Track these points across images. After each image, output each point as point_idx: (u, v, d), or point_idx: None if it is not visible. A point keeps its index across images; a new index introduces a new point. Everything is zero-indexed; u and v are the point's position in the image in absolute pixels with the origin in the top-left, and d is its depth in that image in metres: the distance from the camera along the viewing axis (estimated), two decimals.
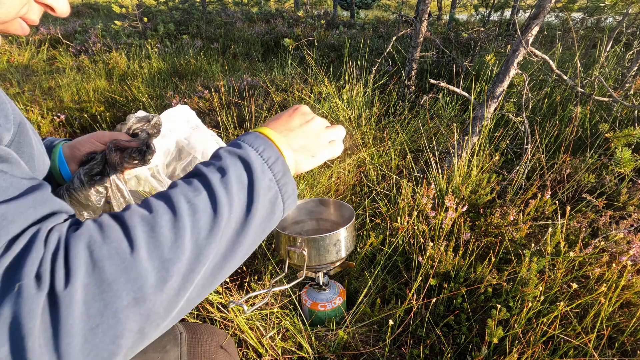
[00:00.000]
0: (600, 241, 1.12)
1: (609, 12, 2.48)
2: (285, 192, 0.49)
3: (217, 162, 0.46)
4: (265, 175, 0.47)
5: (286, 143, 0.54)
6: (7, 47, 4.84)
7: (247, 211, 0.44)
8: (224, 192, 0.43)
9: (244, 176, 0.46)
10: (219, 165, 0.46)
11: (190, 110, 1.41)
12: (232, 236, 0.43)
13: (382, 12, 9.54)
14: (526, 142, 1.60)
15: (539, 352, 0.88)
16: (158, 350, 0.65)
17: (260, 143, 0.49)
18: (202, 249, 0.40)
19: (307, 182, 1.57)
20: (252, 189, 0.45)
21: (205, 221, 0.40)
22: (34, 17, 0.50)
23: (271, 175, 0.48)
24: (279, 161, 0.49)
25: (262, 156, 0.48)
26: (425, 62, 3.09)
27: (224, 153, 0.48)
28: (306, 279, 1.18)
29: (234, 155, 0.47)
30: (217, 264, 0.42)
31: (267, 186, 0.47)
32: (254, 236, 0.46)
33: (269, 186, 0.47)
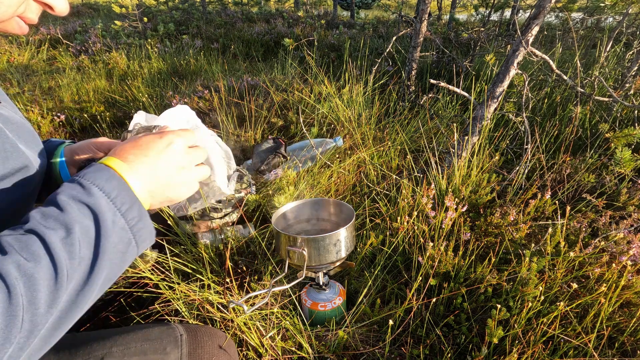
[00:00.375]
0: (600, 241, 1.12)
1: (609, 12, 2.48)
2: (140, 237, 0.46)
3: (60, 214, 0.40)
4: (116, 226, 0.43)
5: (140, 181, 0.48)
6: (7, 47, 4.84)
7: (91, 269, 0.41)
8: (66, 258, 0.39)
9: (92, 231, 0.41)
10: (63, 219, 0.40)
11: (190, 110, 1.41)
12: (70, 300, 0.40)
13: (382, 12, 9.54)
14: (526, 142, 1.60)
15: (539, 352, 0.88)
16: (158, 352, 0.65)
17: (113, 187, 0.44)
18: (37, 324, 0.36)
19: (307, 182, 1.57)
20: (99, 244, 0.41)
21: (43, 296, 0.36)
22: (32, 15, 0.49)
23: (124, 224, 0.44)
24: (134, 206, 0.45)
25: (114, 203, 0.43)
26: (425, 62, 3.09)
27: (69, 201, 0.41)
28: (306, 279, 1.18)
29: (81, 205, 0.41)
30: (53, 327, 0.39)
31: (117, 238, 0.43)
32: (99, 286, 0.43)
33: (120, 237, 0.43)
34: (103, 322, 1.05)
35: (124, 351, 0.63)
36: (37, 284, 0.36)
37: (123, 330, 0.67)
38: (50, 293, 0.37)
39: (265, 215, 1.48)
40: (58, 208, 0.41)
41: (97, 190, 0.43)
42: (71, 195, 0.42)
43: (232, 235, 1.30)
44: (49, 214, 0.41)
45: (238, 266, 1.22)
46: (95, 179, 0.44)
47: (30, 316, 0.35)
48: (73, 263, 0.39)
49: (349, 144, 1.92)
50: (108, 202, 0.43)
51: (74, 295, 0.40)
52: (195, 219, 1.34)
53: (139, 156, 0.49)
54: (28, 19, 0.49)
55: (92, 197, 0.42)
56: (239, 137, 2.16)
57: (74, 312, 0.41)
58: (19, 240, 0.38)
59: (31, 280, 0.36)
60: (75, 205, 0.41)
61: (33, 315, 0.36)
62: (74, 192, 0.43)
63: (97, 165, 0.46)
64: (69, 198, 0.42)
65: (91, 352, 0.62)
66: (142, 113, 1.00)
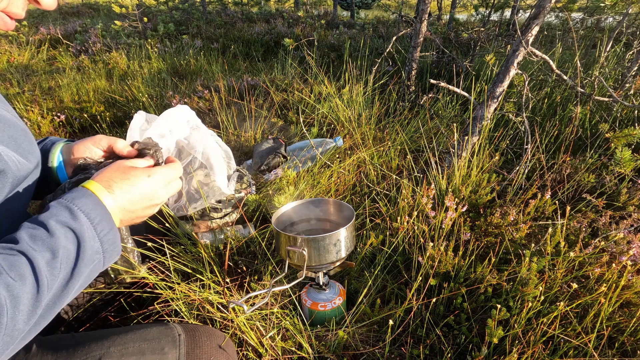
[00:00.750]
0: (600, 241, 1.12)
1: (609, 12, 2.48)
2: (108, 257, 0.52)
3: (49, 238, 0.45)
4: (92, 249, 0.49)
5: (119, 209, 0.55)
6: (7, 47, 4.84)
7: (65, 284, 0.46)
8: (48, 277, 0.43)
9: (73, 254, 0.46)
10: (50, 244, 0.44)
11: (190, 110, 1.41)
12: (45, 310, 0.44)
13: (382, 12, 9.54)
14: (526, 142, 1.60)
15: (539, 352, 0.88)
16: (156, 352, 0.64)
17: (97, 214, 0.50)
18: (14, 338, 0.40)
19: (307, 182, 1.57)
20: (77, 265, 0.47)
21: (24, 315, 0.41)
22: (17, 10, 0.49)
23: (98, 246, 0.50)
24: (111, 232, 0.52)
25: (96, 229, 0.49)
26: (425, 62, 3.09)
27: (58, 227, 0.46)
28: (306, 279, 1.18)
29: (67, 230, 0.47)
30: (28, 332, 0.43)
31: (90, 260, 0.49)
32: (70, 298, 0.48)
33: (92, 258, 0.49)
34: (103, 322, 1.05)
35: (121, 351, 0.63)
36: (21, 303, 0.40)
37: (121, 331, 0.67)
38: (30, 309, 0.42)
39: (265, 215, 1.48)
40: (47, 231, 0.45)
41: (83, 217, 0.48)
42: (60, 220, 0.47)
43: (232, 235, 1.30)
44: (38, 237, 0.45)
45: (238, 266, 1.22)
46: (83, 205, 0.49)
47: (10, 332, 0.39)
48: (53, 281, 0.44)
49: (349, 144, 1.92)
50: (90, 228, 0.49)
51: (50, 307, 0.45)
52: (195, 219, 1.34)
53: (124, 190, 0.55)
54: (13, 13, 0.49)
55: (78, 222, 0.47)
56: (239, 137, 2.16)
57: (46, 319, 0.45)
58: (8, 260, 0.42)
59: (17, 300, 0.40)
60: (62, 230, 0.46)
61: (12, 331, 0.40)
62: (63, 218, 0.47)
63: (84, 191, 0.51)
64: (57, 223, 0.46)
65: (89, 352, 0.62)
66: (142, 113, 1.00)
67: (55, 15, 8.18)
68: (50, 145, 0.73)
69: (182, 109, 1.36)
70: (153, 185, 0.59)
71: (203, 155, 1.32)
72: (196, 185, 1.34)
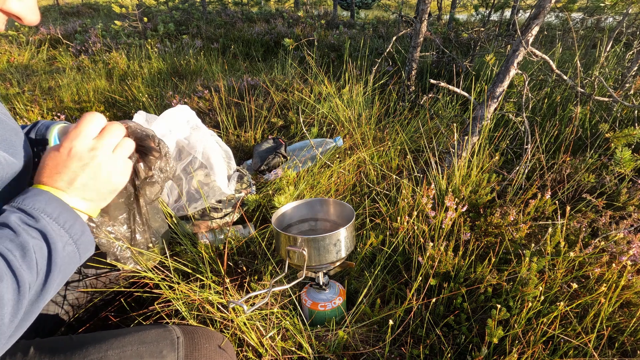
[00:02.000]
0: (600, 241, 1.12)
1: (609, 12, 2.48)
2: (82, 249, 0.52)
3: (15, 237, 0.45)
4: (62, 241, 0.49)
5: (80, 197, 0.53)
6: (7, 47, 4.84)
7: (45, 280, 0.46)
8: (27, 272, 0.44)
9: (44, 248, 0.47)
10: (19, 241, 0.45)
11: (190, 110, 1.41)
12: (29, 306, 0.45)
13: (382, 12, 9.54)
14: (526, 142, 1.60)
15: (539, 352, 0.88)
16: (155, 355, 0.64)
17: (54, 208, 0.49)
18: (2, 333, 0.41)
19: (307, 182, 1.58)
20: (51, 258, 0.47)
21: (8, 311, 0.41)
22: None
23: (68, 238, 0.50)
24: (76, 223, 0.51)
25: (57, 222, 0.49)
26: (425, 62, 3.09)
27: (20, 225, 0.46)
28: (306, 279, 1.18)
29: (30, 229, 0.47)
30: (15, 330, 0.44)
31: (65, 252, 0.49)
32: (52, 294, 0.48)
33: (67, 251, 0.49)
34: (103, 322, 1.05)
35: (119, 354, 0.62)
36: (3, 300, 0.41)
37: (119, 333, 0.67)
38: (14, 306, 0.42)
39: (265, 215, 1.48)
40: (12, 230, 0.46)
41: (40, 214, 0.48)
42: (21, 219, 0.47)
43: (232, 235, 1.30)
44: (4, 236, 0.45)
45: (238, 266, 1.22)
46: (36, 202, 0.49)
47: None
48: (32, 275, 0.44)
49: (349, 144, 1.92)
50: (52, 222, 0.48)
51: (33, 303, 0.45)
52: (195, 219, 1.34)
53: (63, 177, 0.53)
54: None
55: (38, 221, 0.48)
56: (239, 137, 2.16)
57: (31, 316, 0.46)
58: None
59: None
60: (26, 228, 0.46)
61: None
62: (23, 218, 0.47)
63: (35, 190, 0.51)
64: (19, 222, 0.46)
65: (87, 355, 0.62)
66: (142, 113, 1.00)
67: (55, 15, 8.18)
68: (45, 129, 0.72)
69: (182, 109, 1.37)
70: (70, 154, 0.53)
71: (203, 155, 1.32)
72: (196, 185, 1.34)
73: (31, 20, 0.51)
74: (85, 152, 0.53)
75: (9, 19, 0.51)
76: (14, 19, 0.51)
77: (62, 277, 0.49)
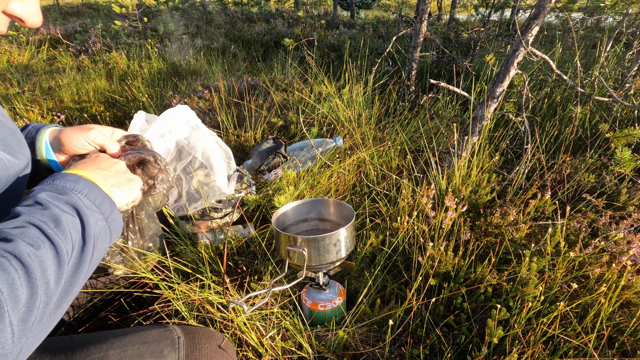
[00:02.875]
0: (600, 241, 1.12)
1: (609, 12, 2.48)
2: (113, 226, 0.54)
3: (45, 211, 0.47)
4: (93, 216, 0.51)
5: (103, 181, 0.58)
6: (7, 47, 4.84)
7: (81, 252, 0.48)
8: (62, 240, 0.46)
9: (77, 221, 0.48)
10: (50, 214, 0.47)
11: (190, 110, 1.41)
12: (70, 278, 0.46)
13: (382, 12, 9.54)
14: (526, 142, 1.60)
15: (539, 352, 0.88)
16: (155, 355, 0.64)
17: (83, 186, 0.52)
18: (51, 296, 0.43)
19: (307, 182, 1.57)
20: (85, 230, 0.49)
21: (52, 273, 0.43)
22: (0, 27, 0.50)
23: (99, 214, 0.52)
24: (105, 200, 0.54)
25: (88, 198, 0.51)
26: (425, 62, 3.09)
27: (50, 200, 0.48)
28: (306, 279, 1.18)
29: (61, 202, 0.49)
30: (60, 299, 0.45)
31: (97, 227, 0.51)
32: (89, 269, 0.50)
33: (99, 226, 0.51)
34: (103, 322, 1.05)
35: (120, 354, 0.62)
36: (45, 262, 0.42)
37: (120, 333, 0.67)
38: (56, 270, 0.43)
39: (265, 215, 1.48)
40: (41, 205, 0.47)
41: (70, 191, 0.50)
42: (50, 195, 0.49)
43: (232, 235, 1.30)
44: (36, 210, 0.46)
45: (238, 266, 1.22)
46: (65, 182, 0.51)
47: (44, 289, 0.42)
48: (67, 245, 0.46)
49: (349, 144, 1.92)
50: (83, 198, 0.50)
51: (73, 273, 0.46)
52: (195, 219, 1.34)
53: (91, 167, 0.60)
54: None
55: (68, 195, 0.49)
56: (239, 137, 2.16)
57: (73, 288, 0.47)
58: (18, 229, 0.43)
59: (40, 259, 0.42)
60: (56, 202, 0.48)
61: (47, 288, 0.42)
62: (53, 194, 0.49)
63: (63, 173, 0.54)
64: (49, 197, 0.48)
65: (88, 355, 0.62)
66: (142, 113, 1.00)
67: (55, 15, 8.18)
68: (35, 132, 0.70)
69: (182, 109, 1.37)
70: (115, 164, 0.63)
71: (203, 155, 1.32)
72: (196, 185, 1.34)
73: (34, 23, 0.51)
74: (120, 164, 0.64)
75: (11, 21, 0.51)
76: (17, 21, 0.51)
77: (97, 253, 0.51)
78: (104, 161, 0.62)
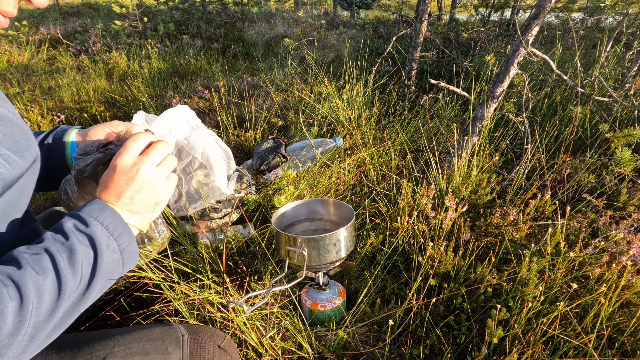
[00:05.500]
0: (600, 241, 1.12)
1: (609, 12, 2.48)
2: (127, 259, 0.54)
3: (66, 241, 0.48)
4: (109, 249, 0.51)
5: (128, 210, 0.57)
6: (7, 47, 4.84)
7: (87, 286, 0.49)
8: (70, 275, 0.46)
9: (91, 254, 0.49)
10: (68, 245, 0.48)
11: (190, 110, 1.41)
12: (70, 307, 0.47)
13: (382, 12, 9.54)
14: (526, 142, 1.60)
15: (539, 352, 0.88)
16: (160, 352, 0.64)
17: (106, 216, 0.53)
18: (39, 330, 0.43)
19: (307, 182, 1.58)
20: (96, 265, 0.49)
21: (47, 306, 0.44)
22: (8, 8, 0.50)
23: (116, 246, 0.52)
24: (125, 232, 0.54)
25: (108, 230, 0.52)
26: (425, 62, 3.09)
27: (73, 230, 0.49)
28: (306, 279, 1.18)
29: (81, 234, 0.50)
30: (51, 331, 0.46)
31: (110, 259, 0.51)
32: (92, 299, 0.51)
33: (112, 258, 0.52)
34: (103, 322, 1.05)
35: (125, 351, 0.63)
36: (44, 295, 0.43)
37: (125, 330, 0.67)
38: (53, 305, 0.44)
39: (265, 215, 1.48)
40: (64, 236, 0.49)
41: (92, 220, 0.51)
42: (74, 225, 0.50)
43: (232, 235, 1.30)
44: (58, 239, 0.48)
45: (238, 266, 1.22)
46: (91, 210, 0.52)
47: (34, 322, 0.42)
48: (74, 280, 0.47)
49: (349, 144, 1.92)
50: (102, 230, 0.51)
51: (71, 307, 0.47)
52: (195, 219, 1.34)
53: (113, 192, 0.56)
54: (4, 12, 0.50)
55: (89, 227, 0.50)
56: (239, 137, 2.16)
57: (70, 317, 0.48)
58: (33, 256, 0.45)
59: (40, 291, 0.43)
60: (77, 234, 0.50)
61: (36, 322, 0.43)
62: (76, 223, 0.51)
63: (93, 200, 0.55)
64: (72, 227, 0.50)
65: (93, 352, 0.62)
66: (142, 113, 1.00)
67: (55, 15, 8.18)
68: (62, 133, 0.72)
69: (182, 109, 1.36)
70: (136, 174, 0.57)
71: (203, 155, 1.32)
72: (196, 185, 1.34)
73: (41, 2, 0.52)
74: (130, 168, 0.56)
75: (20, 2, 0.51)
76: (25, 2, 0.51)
77: (103, 284, 0.51)
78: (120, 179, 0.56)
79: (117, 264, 0.53)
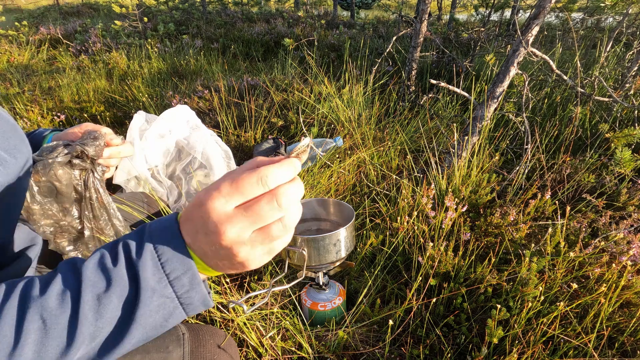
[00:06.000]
0: (600, 241, 1.12)
1: (609, 12, 2.48)
2: (189, 305, 0.42)
3: (112, 265, 0.40)
4: (155, 294, 0.40)
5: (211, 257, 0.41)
6: (7, 47, 4.84)
7: (123, 331, 0.40)
8: (91, 319, 0.38)
9: (130, 296, 0.39)
10: (109, 276, 0.39)
11: (190, 111, 1.41)
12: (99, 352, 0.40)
13: (382, 12, 9.54)
14: (526, 142, 1.60)
15: (539, 352, 0.88)
16: (161, 350, 0.65)
17: (165, 250, 0.40)
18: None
19: (307, 182, 1.57)
20: (135, 310, 0.39)
21: (52, 352, 0.37)
22: None
23: (170, 291, 0.40)
24: (187, 274, 0.40)
25: (164, 268, 0.40)
26: (425, 62, 3.09)
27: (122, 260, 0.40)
28: (306, 279, 1.18)
29: (125, 266, 0.40)
30: None
31: (156, 306, 0.40)
32: (131, 347, 0.41)
33: (160, 305, 0.40)
34: None
35: None
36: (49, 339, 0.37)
37: None
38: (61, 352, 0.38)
39: None
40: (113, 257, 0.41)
41: (147, 252, 0.40)
42: (127, 252, 0.41)
43: None
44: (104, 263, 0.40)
45: None
46: (156, 231, 0.41)
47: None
48: (97, 325, 0.38)
49: (349, 144, 1.92)
50: (154, 267, 0.40)
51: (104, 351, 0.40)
52: None
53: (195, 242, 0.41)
54: None
55: (140, 258, 0.39)
56: (239, 137, 2.16)
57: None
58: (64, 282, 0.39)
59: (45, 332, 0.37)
60: (120, 265, 0.40)
61: None
62: (132, 247, 0.41)
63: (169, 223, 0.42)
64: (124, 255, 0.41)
65: None
66: (142, 113, 1.00)
67: (55, 15, 8.18)
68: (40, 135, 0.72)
69: (182, 109, 1.37)
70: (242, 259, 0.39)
71: (203, 155, 1.32)
72: (196, 185, 1.34)
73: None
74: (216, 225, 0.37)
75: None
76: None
77: (146, 332, 0.41)
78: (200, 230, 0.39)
79: (170, 312, 0.42)
